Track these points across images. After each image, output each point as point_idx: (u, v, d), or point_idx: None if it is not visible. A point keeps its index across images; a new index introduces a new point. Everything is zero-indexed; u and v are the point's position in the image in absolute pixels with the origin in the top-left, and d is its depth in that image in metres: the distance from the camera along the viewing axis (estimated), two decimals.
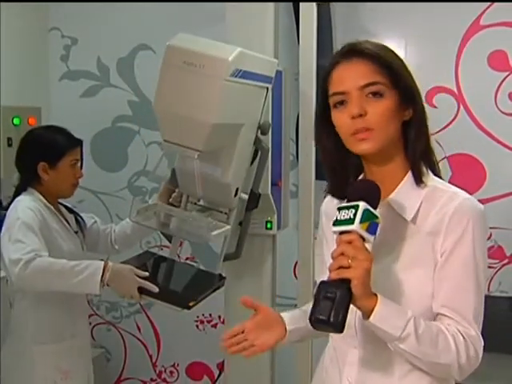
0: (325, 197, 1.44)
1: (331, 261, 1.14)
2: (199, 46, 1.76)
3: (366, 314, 1.15)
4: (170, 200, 2.14)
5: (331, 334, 1.34)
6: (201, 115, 1.73)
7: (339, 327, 1.09)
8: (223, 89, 1.73)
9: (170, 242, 2.24)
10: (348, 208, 1.14)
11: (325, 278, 1.14)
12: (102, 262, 1.95)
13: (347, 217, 1.13)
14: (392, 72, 1.23)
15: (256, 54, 1.93)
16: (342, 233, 1.14)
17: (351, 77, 1.23)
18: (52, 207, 2.20)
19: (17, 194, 2.20)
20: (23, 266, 1.92)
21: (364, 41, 1.27)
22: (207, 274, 2.13)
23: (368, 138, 1.21)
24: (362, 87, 1.21)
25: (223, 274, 2.13)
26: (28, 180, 2.21)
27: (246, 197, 2.10)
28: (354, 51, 1.25)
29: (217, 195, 2.05)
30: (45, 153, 2.18)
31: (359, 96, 1.21)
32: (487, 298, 1.25)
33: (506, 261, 2.84)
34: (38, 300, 2.12)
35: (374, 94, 1.21)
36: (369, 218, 1.13)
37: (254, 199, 2.13)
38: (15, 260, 1.93)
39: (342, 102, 1.24)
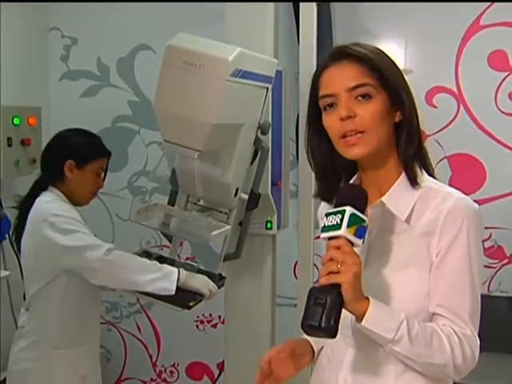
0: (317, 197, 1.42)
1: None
2: (199, 45, 1.76)
3: (359, 318, 1.15)
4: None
5: None
6: (201, 115, 1.74)
7: (331, 332, 1.09)
8: (223, 89, 1.73)
9: (170, 241, 2.24)
10: (335, 213, 1.15)
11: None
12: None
13: (334, 222, 1.14)
14: (381, 74, 1.22)
15: (256, 54, 1.93)
16: (330, 238, 1.15)
17: (340, 79, 1.23)
18: (74, 206, 2.19)
19: (35, 189, 2.19)
20: (106, 252, 1.97)
21: (353, 43, 1.27)
22: (207, 274, 2.14)
23: (358, 143, 1.22)
24: (350, 89, 1.22)
25: (223, 274, 2.13)
26: (51, 177, 2.19)
27: (245, 197, 2.11)
28: (342, 53, 1.25)
29: (217, 195, 2.05)
30: (76, 152, 2.18)
31: (348, 98, 1.22)
32: (487, 297, 1.26)
33: (505, 261, 2.84)
34: (59, 304, 2.11)
35: (363, 95, 1.22)
36: (356, 222, 1.13)
37: (254, 199, 2.13)
38: (91, 245, 1.98)
39: (331, 105, 1.24)
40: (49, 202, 2.12)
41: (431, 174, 1.31)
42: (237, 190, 2.04)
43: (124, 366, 3.45)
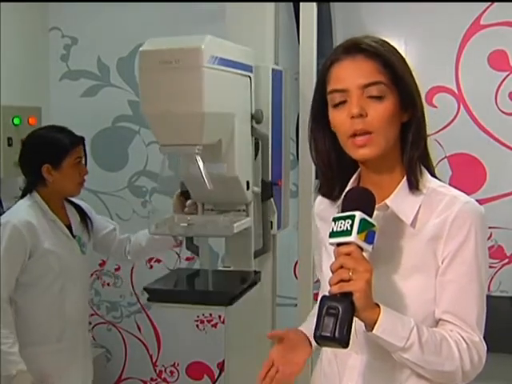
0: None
1: (331, 274, 1.11)
2: (170, 43, 1.77)
3: (370, 326, 1.12)
4: (186, 210, 2.14)
5: None
6: (190, 108, 1.74)
7: (344, 342, 1.07)
8: (204, 77, 1.72)
9: (195, 253, 2.23)
10: (344, 218, 1.11)
11: (325, 293, 1.11)
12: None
13: (344, 228, 1.10)
14: (395, 73, 1.19)
15: (229, 42, 1.93)
16: (339, 244, 1.12)
17: (353, 75, 1.19)
18: (50, 212, 2.19)
19: (23, 196, 2.22)
20: None
21: (365, 36, 1.23)
22: (243, 273, 2.13)
23: (367, 144, 1.18)
24: (363, 86, 1.18)
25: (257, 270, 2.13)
26: (33, 183, 2.21)
27: (258, 190, 2.11)
28: (357, 48, 1.20)
29: (229, 193, 2.03)
30: (48, 154, 2.17)
31: (360, 95, 1.18)
32: (487, 297, 1.24)
33: (506, 261, 2.85)
34: (24, 303, 2.13)
35: (376, 95, 1.18)
36: (366, 227, 1.10)
37: (267, 187, 2.13)
38: None
39: (341, 101, 1.20)
40: (20, 210, 2.15)
41: (433, 174, 1.29)
42: (248, 183, 2.04)
43: (124, 366, 3.45)
